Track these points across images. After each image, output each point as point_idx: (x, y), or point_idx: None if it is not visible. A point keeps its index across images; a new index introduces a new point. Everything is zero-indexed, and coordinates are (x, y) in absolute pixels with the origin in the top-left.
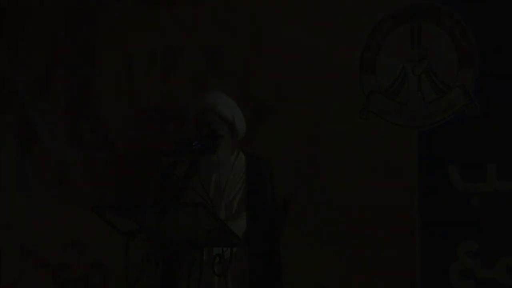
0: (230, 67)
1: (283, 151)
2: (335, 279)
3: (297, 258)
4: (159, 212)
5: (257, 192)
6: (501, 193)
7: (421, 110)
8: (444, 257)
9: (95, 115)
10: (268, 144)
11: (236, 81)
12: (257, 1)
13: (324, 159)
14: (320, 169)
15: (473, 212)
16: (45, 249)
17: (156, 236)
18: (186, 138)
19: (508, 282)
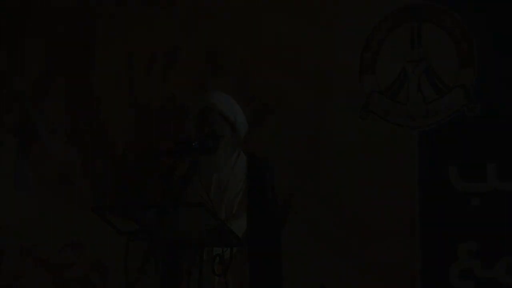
0: (230, 67)
1: (283, 151)
2: (335, 279)
3: (297, 258)
4: (159, 212)
5: (257, 193)
6: (501, 193)
7: (421, 110)
8: (444, 257)
9: (95, 115)
10: (268, 144)
11: (236, 81)
12: (257, 1)
13: (324, 159)
14: (320, 169)
15: (473, 212)
16: (45, 249)
17: (156, 236)
18: (186, 138)
19: (508, 282)
